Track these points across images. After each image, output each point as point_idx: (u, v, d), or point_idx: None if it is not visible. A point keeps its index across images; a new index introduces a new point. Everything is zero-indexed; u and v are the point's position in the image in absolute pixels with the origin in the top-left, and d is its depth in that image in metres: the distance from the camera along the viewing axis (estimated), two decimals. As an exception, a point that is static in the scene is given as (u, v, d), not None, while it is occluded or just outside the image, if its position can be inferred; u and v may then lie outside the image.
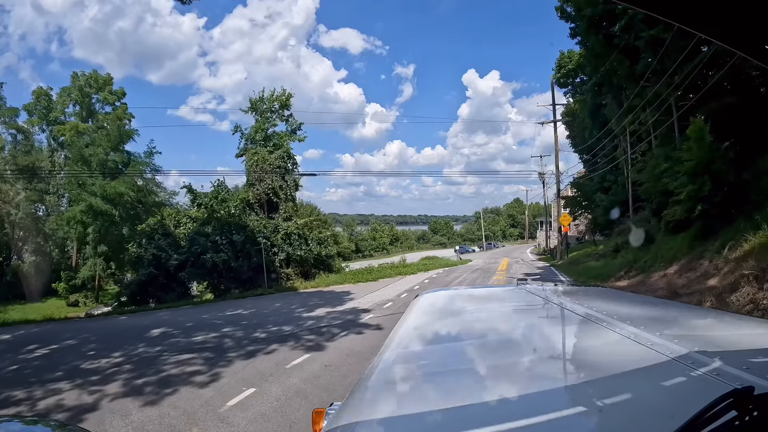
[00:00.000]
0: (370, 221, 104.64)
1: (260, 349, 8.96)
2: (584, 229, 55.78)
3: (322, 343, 9.09)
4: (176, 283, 21.17)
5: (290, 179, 25.61)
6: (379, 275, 22.11)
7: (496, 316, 2.19)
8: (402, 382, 1.36)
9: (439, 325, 2.06)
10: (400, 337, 1.75)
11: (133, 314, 18.10)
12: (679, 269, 14.68)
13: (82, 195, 29.85)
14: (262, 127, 25.98)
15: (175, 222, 22.85)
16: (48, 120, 41.84)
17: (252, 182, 24.61)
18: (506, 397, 1.14)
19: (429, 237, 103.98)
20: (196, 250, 21.15)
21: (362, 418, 1.07)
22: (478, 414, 1.03)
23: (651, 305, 2.29)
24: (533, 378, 1.28)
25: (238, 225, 22.42)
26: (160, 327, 13.48)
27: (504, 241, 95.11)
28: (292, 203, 25.62)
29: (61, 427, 2.87)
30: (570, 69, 41.23)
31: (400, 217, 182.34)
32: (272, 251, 22.98)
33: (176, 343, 10.46)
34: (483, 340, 1.72)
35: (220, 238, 21.49)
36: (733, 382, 0.98)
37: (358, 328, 10.48)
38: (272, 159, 24.90)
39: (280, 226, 24.03)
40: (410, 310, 2.23)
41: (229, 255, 21.33)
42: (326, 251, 24.97)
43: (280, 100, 26.69)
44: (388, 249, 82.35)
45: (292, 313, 13.77)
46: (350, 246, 74.78)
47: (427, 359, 1.56)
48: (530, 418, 0.95)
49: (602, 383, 1.14)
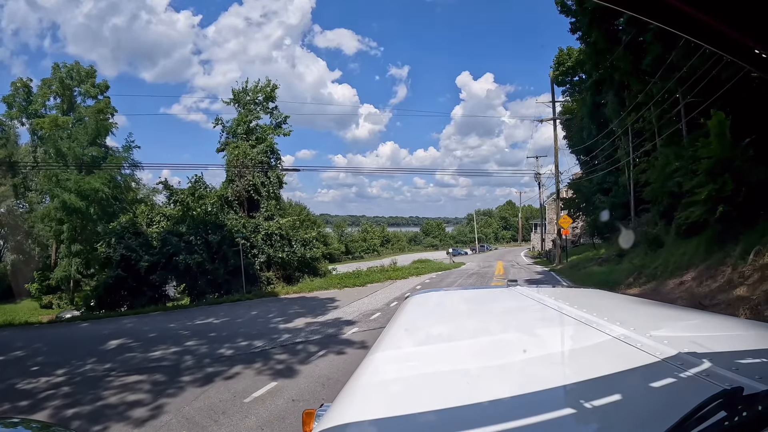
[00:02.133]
0: (361, 222, 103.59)
1: (221, 372, 7.57)
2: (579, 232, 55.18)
3: (294, 366, 7.63)
4: (147, 286, 19.32)
5: (273, 175, 23.70)
6: (367, 280, 20.48)
7: (486, 317, 2.23)
8: (392, 383, 1.34)
9: (429, 326, 2.10)
10: (391, 337, 1.77)
11: (98, 321, 16.49)
12: (696, 276, 13.69)
13: (55, 191, 28.08)
14: (245, 120, 24.22)
15: (148, 220, 21.03)
16: (28, 113, 40.26)
17: (232, 178, 22.83)
18: (497, 398, 1.12)
19: (421, 239, 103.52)
20: (168, 251, 19.35)
21: (353, 419, 1.05)
22: (468, 415, 1.02)
23: (640, 306, 2.33)
24: (524, 379, 1.28)
25: (214, 224, 20.56)
26: (120, 337, 12.15)
27: (496, 243, 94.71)
28: (275, 201, 23.72)
29: (45, 428, 2.80)
30: (569, 66, 40.23)
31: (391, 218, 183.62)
32: (252, 253, 21.24)
33: (130, 359, 9.09)
34: (474, 341, 1.71)
35: (194, 238, 19.68)
36: (722, 382, 1.00)
37: (340, 345, 8.99)
38: (254, 153, 23.12)
39: (261, 225, 22.18)
40: (401, 310, 2.27)
41: (203, 257, 19.57)
42: (311, 253, 23.23)
43: (265, 91, 24.93)
44: (379, 251, 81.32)
45: (267, 324, 12.26)
46: (340, 247, 73.51)
47: (417, 360, 1.52)
48: (521, 419, 0.95)
49: (592, 384, 1.14)
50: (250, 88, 24.83)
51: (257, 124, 24.71)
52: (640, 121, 30.38)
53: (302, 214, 67.17)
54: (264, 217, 22.81)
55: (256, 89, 24.76)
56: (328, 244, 69.52)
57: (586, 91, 37.41)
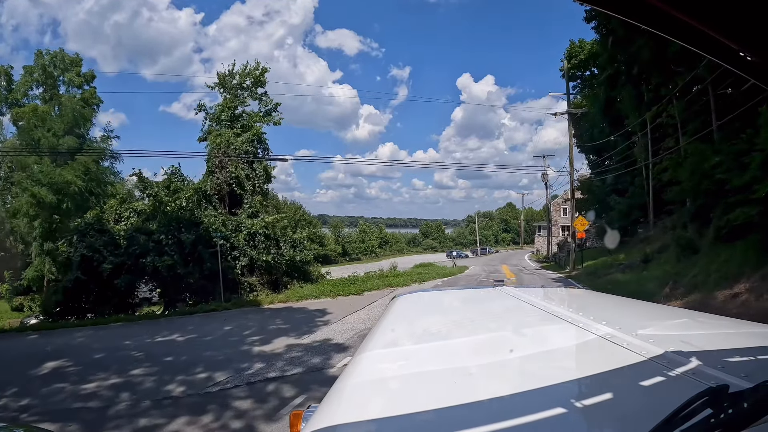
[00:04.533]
0: (359, 223, 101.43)
1: (155, 427, 5.31)
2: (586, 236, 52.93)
3: (256, 425, 5.28)
4: (112, 291, 16.97)
5: (260, 168, 20.98)
6: (364, 287, 18.03)
7: (473, 317, 2.17)
8: (380, 383, 1.31)
9: (416, 326, 2.03)
10: (378, 337, 1.72)
11: (50, 332, 14.08)
12: (752, 288, 11.73)
13: (25, 183, 25.64)
14: (230, 106, 21.65)
15: (117, 216, 18.56)
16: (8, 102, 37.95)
17: (212, 170, 20.05)
18: (484, 398, 1.11)
19: (420, 240, 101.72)
20: (135, 252, 16.80)
21: (340, 419, 1.03)
22: (457, 414, 1.01)
23: (625, 306, 2.32)
24: (511, 378, 1.26)
25: (189, 221, 17.89)
26: (61, 358, 10.13)
27: (497, 246, 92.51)
28: (260, 197, 20.91)
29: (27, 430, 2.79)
30: (581, 60, 37.99)
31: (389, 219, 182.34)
32: (232, 255, 18.55)
33: (56, 393, 7.04)
34: (461, 341, 1.67)
35: (165, 237, 17.09)
36: (708, 381, 0.99)
37: (324, 387, 6.33)
38: (239, 142, 20.44)
39: (244, 224, 19.39)
40: (388, 310, 2.21)
41: (175, 258, 16.98)
42: (301, 256, 20.45)
43: (253, 74, 22.33)
44: (377, 252, 79.12)
45: (240, 345, 9.91)
46: (336, 249, 71.06)
47: (405, 360, 1.49)
48: (509, 418, 0.94)
49: (579, 383, 1.13)
50: (237, 72, 22.39)
51: (243, 110, 22.23)
52: (663, 115, 28.59)
53: (297, 214, 65.05)
54: (247, 214, 20.07)
55: (243, 73, 22.23)
56: (324, 245, 67.21)
57: (599, 87, 35.41)
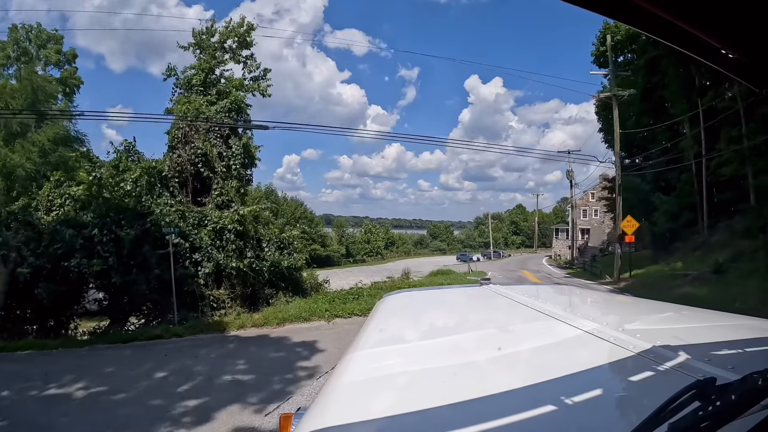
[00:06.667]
0: (363, 223, 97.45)
1: None
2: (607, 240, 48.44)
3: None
4: (31, 304, 12.34)
5: (238, 145, 15.44)
6: (371, 304, 13.56)
7: (461, 316, 2.19)
8: (369, 384, 1.29)
9: (404, 326, 2.02)
10: (366, 338, 1.70)
11: None
12: None
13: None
14: (204, 68, 16.55)
15: (48, 203, 13.75)
16: (-21, 80, 33.99)
17: (174, 144, 14.81)
18: (473, 397, 1.09)
19: (428, 242, 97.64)
20: (57, 252, 12.00)
21: (330, 422, 1.01)
22: (446, 413, 1.01)
23: (611, 301, 2.39)
24: (499, 376, 1.26)
25: (132, 211, 12.91)
26: None
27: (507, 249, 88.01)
28: (236, 182, 15.21)
29: None
30: (618, 40, 33.39)
31: (395, 220, 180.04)
32: (192, 259, 13.55)
33: None
34: (449, 339, 1.67)
35: (99, 232, 12.16)
36: (695, 374, 1.00)
37: None
38: (212, 112, 15.29)
39: (210, 217, 14.11)
40: (376, 310, 2.18)
41: (110, 262, 12.09)
42: (289, 261, 15.13)
43: (237, 32, 17.38)
44: (383, 254, 74.50)
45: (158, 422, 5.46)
46: (340, 249, 66.43)
47: (393, 360, 1.48)
48: (498, 416, 0.94)
49: (568, 380, 1.12)
50: (218, 29, 17.33)
51: (222, 74, 17.26)
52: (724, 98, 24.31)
53: (297, 211, 60.59)
54: (216, 204, 14.67)
55: (226, 31, 17.26)
56: (326, 246, 62.70)
57: (638, 72, 31.04)
